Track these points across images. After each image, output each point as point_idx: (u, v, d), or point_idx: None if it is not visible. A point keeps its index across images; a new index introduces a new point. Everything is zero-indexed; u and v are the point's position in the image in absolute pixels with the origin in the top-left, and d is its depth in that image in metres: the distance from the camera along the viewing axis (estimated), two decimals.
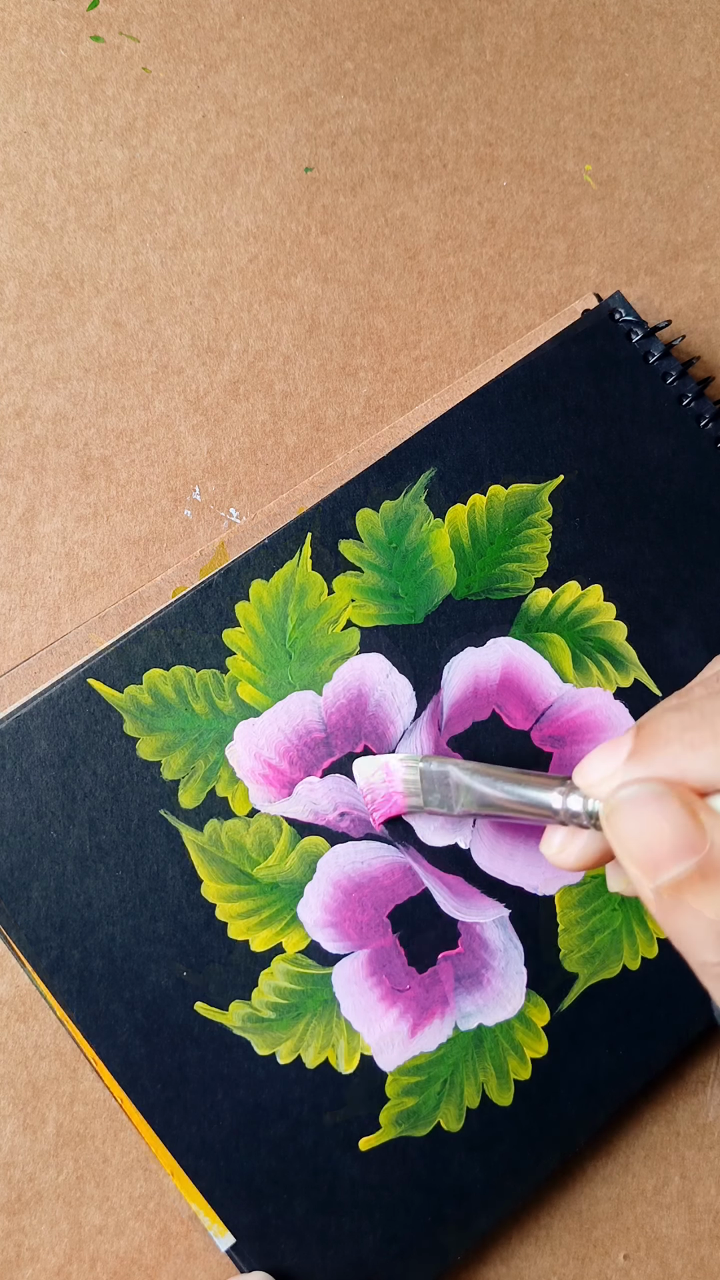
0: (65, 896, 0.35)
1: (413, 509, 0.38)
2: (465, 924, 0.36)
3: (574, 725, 0.37)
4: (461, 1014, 0.35)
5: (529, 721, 0.37)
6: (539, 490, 0.38)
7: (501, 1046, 0.35)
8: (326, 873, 0.36)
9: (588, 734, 0.37)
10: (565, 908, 0.36)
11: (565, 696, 0.37)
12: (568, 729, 0.37)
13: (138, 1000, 0.35)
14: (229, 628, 0.37)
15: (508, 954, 0.36)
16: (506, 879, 0.36)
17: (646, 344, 0.39)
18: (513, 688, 0.37)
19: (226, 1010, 0.35)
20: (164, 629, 0.36)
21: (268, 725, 0.36)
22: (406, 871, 0.36)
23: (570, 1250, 0.36)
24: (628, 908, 0.36)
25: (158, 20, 0.43)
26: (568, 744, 0.37)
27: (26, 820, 0.35)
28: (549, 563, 0.38)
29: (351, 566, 0.37)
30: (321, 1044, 0.35)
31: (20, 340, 0.40)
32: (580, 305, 0.41)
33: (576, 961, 0.36)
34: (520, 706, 0.37)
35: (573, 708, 0.37)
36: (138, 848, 0.35)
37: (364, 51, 0.43)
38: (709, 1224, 0.37)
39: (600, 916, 0.36)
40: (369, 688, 0.37)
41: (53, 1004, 0.35)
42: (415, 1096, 0.35)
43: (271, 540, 0.37)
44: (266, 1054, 0.35)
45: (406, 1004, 0.35)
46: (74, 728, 0.36)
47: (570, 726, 0.37)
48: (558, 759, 0.37)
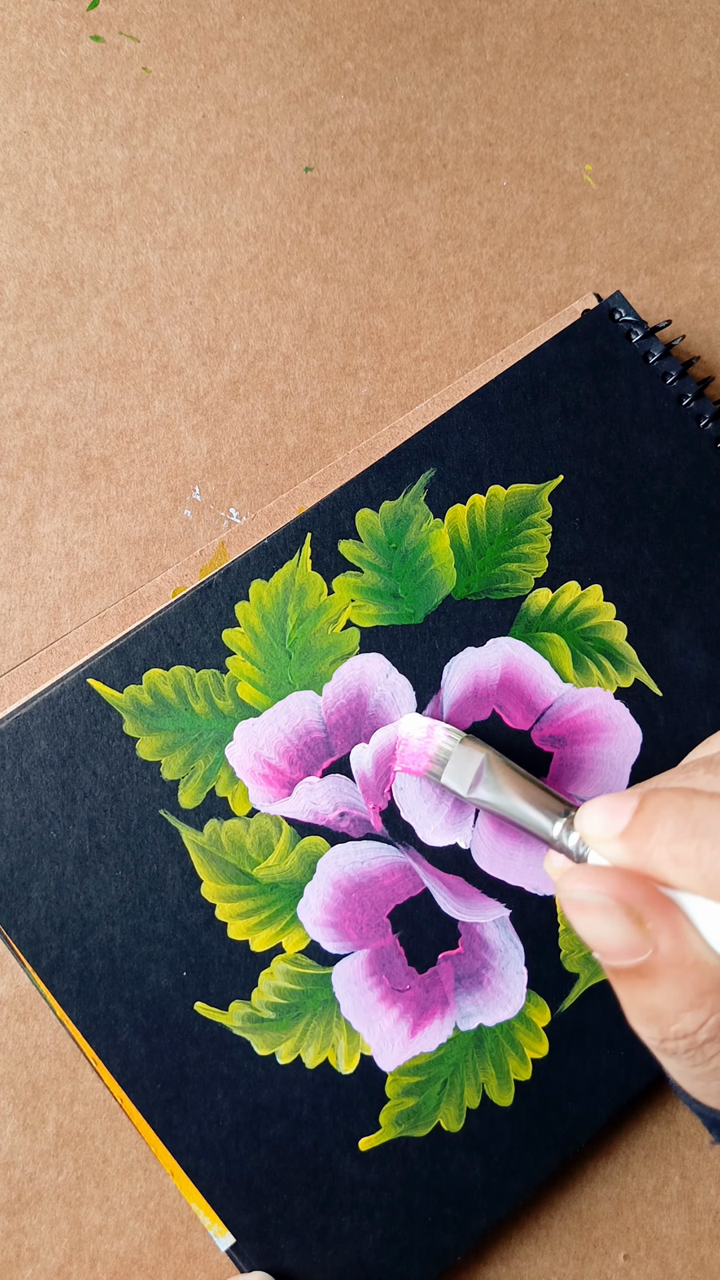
0: (65, 896, 0.35)
1: (412, 509, 0.38)
2: (465, 924, 0.36)
3: (574, 725, 0.37)
4: (462, 1014, 0.35)
5: (529, 721, 0.37)
6: (539, 490, 0.38)
7: (502, 1046, 0.35)
8: (326, 873, 0.36)
9: (588, 734, 0.37)
10: None
11: (565, 696, 0.37)
12: (568, 729, 0.37)
13: (137, 1000, 0.35)
14: (229, 628, 0.37)
15: (508, 954, 0.36)
16: (506, 879, 0.36)
17: (646, 344, 0.39)
18: (513, 688, 0.37)
19: (226, 1010, 0.35)
20: (164, 629, 0.36)
21: (267, 725, 0.36)
22: (406, 871, 0.36)
23: (570, 1250, 0.36)
24: None
25: (158, 20, 0.43)
26: (568, 744, 0.37)
27: (26, 820, 0.35)
28: (549, 563, 0.38)
29: (351, 566, 0.37)
30: (321, 1044, 0.35)
31: (20, 340, 0.40)
32: (580, 305, 0.41)
33: (577, 962, 0.36)
34: (520, 706, 0.37)
35: (573, 707, 0.37)
36: (137, 848, 0.35)
37: (364, 51, 0.43)
38: (709, 1224, 0.37)
39: None
40: (369, 688, 0.37)
41: (53, 1004, 0.35)
42: (415, 1096, 0.35)
43: (271, 540, 0.37)
44: (266, 1054, 0.35)
45: (406, 1004, 0.35)
46: (74, 728, 0.36)
47: (570, 726, 0.37)
48: (558, 759, 0.37)
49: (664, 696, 0.37)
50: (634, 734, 0.37)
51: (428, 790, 0.36)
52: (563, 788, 0.37)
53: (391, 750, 0.36)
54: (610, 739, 0.37)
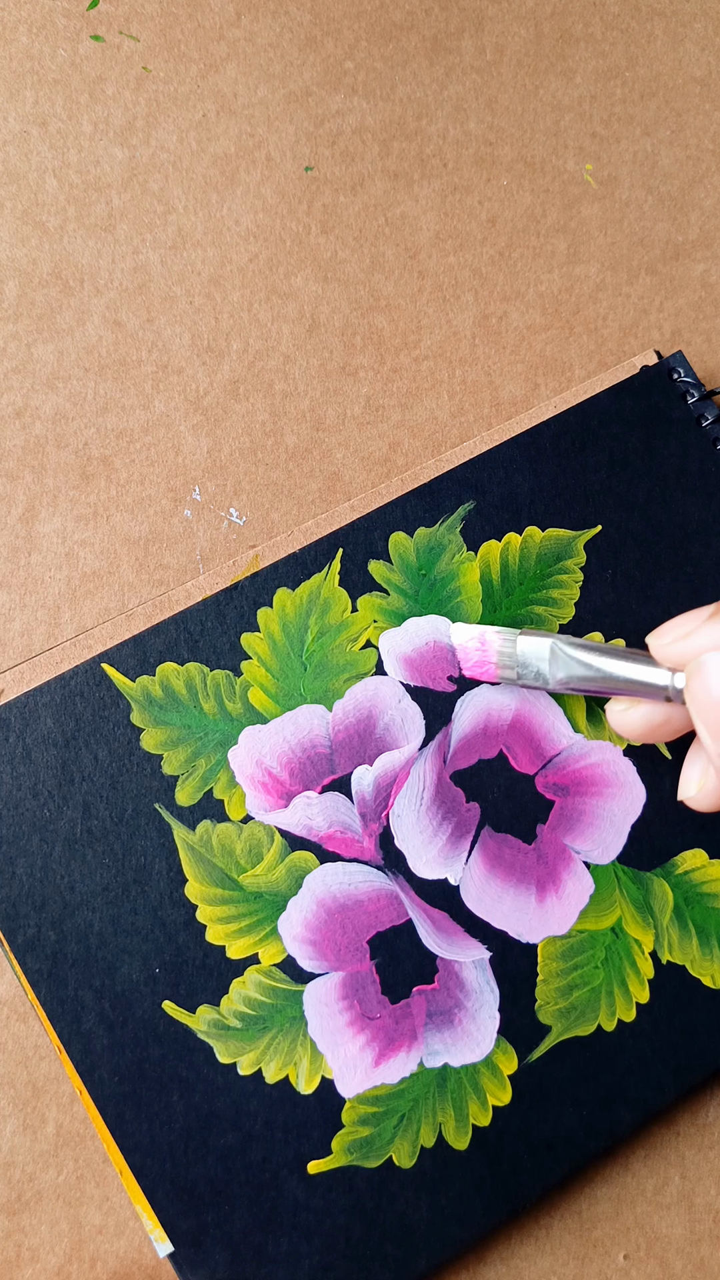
0: (49, 876, 0.35)
1: (447, 539, 0.38)
2: (444, 960, 0.36)
3: (579, 776, 0.37)
4: (429, 1050, 0.35)
5: (535, 766, 0.37)
6: (575, 538, 0.38)
7: (464, 1089, 0.35)
8: (312, 889, 0.36)
9: (592, 786, 0.37)
10: (547, 958, 0.36)
11: (574, 746, 0.37)
12: (572, 779, 0.37)
13: (107, 990, 0.35)
14: (248, 631, 0.37)
15: (482, 996, 0.35)
16: (491, 921, 0.36)
17: (702, 406, 0.39)
18: (523, 730, 0.37)
19: (193, 1013, 0.35)
20: (184, 624, 0.37)
21: (273, 734, 0.36)
22: (392, 899, 0.36)
23: (570, 1250, 0.36)
24: (610, 967, 0.36)
25: (158, 20, 0.43)
26: (571, 794, 0.37)
27: (22, 795, 0.35)
28: (576, 611, 0.38)
29: (378, 587, 0.37)
30: (284, 1060, 0.35)
31: (20, 340, 0.40)
32: (640, 361, 0.41)
33: (551, 1014, 0.36)
34: (528, 750, 0.37)
35: (581, 758, 0.37)
36: (128, 837, 0.35)
37: (364, 51, 0.43)
38: (709, 1224, 0.36)
39: (582, 972, 0.36)
40: (380, 710, 0.36)
41: (24, 985, 0.35)
42: (371, 1127, 0.34)
43: (302, 552, 0.37)
44: (228, 1063, 0.35)
45: (374, 1032, 0.35)
46: (81, 709, 0.36)
47: (575, 777, 0.37)
48: (559, 807, 0.36)
49: (672, 760, 0.37)
50: (638, 793, 0.37)
51: (425, 820, 0.36)
52: (559, 838, 0.36)
53: (393, 776, 0.36)
54: (614, 795, 0.37)
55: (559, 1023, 0.35)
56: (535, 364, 0.41)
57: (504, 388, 0.41)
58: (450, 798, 0.36)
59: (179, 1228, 0.34)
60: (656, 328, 0.42)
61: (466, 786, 0.36)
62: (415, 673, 0.37)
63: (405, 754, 0.36)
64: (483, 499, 0.38)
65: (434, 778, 0.36)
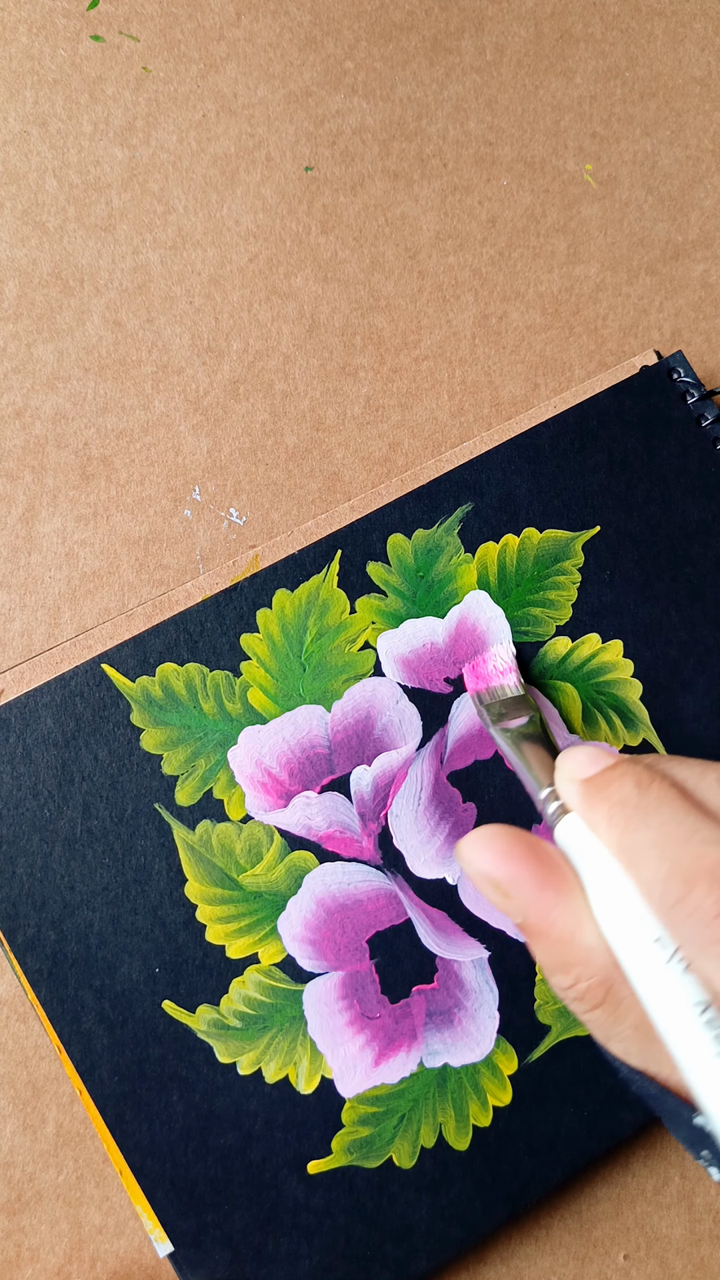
0: (49, 876, 0.35)
1: (445, 540, 0.38)
2: (444, 960, 0.36)
3: None
4: (429, 1050, 0.35)
5: None
6: (573, 539, 0.38)
7: (465, 1089, 0.35)
8: (312, 889, 0.36)
9: None
10: None
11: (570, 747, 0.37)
12: None
13: (106, 990, 0.35)
14: (248, 632, 0.37)
15: (482, 996, 0.35)
16: (490, 920, 0.36)
17: (701, 406, 0.39)
18: None
19: (194, 1013, 0.35)
20: (184, 625, 0.37)
21: (273, 734, 0.36)
22: (391, 899, 0.36)
23: (570, 1250, 0.36)
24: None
25: (158, 20, 0.43)
26: None
27: (22, 795, 0.35)
28: (573, 612, 0.38)
29: (376, 589, 0.37)
30: (284, 1060, 0.35)
31: (20, 340, 0.40)
32: (639, 361, 0.41)
33: (551, 1014, 0.36)
34: None
35: None
36: (128, 837, 0.35)
37: (364, 51, 0.43)
38: (709, 1224, 0.36)
39: None
40: (378, 711, 0.37)
41: (24, 985, 0.35)
42: (371, 1127, 0.35)
43: (301, 553, 0.37)
44: (228, 1062, 0.35)
45: (374, 1032, 0.35)
46: (81, 710, 0.36)
47: None
48: None
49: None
50: None
51: (422, 820, 0.36)
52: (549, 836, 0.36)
53: (391, 776, 0.36)
54: None
55: (559, 1022, 0.35)
56: (535, 364, 0.41)
57: (504, 388, 0.41)
58: (447, 798, 0.36)
59: (179, 1228, 0.34)
60: (656, 328, 0.42)
61: (463, 787, 0.36)
62: (412, 674, 0.37)
63: (403, 754, 0.36)
64: (481, 501, 0.38)
65: (431, 778, 0.36)
